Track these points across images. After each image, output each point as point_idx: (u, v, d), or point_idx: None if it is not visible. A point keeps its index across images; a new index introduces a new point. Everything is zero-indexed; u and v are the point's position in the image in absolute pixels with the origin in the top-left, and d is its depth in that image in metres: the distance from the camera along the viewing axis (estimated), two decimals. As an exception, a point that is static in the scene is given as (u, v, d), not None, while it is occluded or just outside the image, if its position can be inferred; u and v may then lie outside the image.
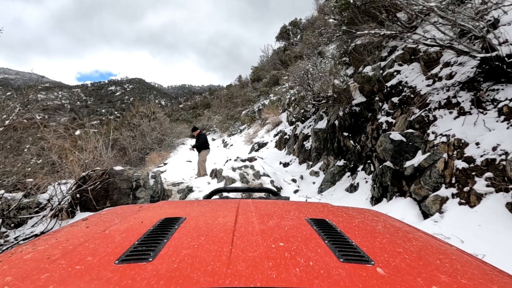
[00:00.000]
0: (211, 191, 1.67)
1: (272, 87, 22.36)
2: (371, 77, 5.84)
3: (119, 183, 5.25)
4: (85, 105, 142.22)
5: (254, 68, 30.02)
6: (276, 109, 17.48)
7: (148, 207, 0.94)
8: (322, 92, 9.53)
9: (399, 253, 0.55)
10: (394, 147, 4.21)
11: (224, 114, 26.93)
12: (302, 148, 9.65)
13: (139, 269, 0.45)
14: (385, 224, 0.80)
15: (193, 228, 0.65)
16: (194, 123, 36.23)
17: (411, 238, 0.68)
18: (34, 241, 0.64)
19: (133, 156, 18.40)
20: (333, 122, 7.01)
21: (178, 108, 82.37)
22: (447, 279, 0.45)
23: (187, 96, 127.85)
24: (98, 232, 0.66)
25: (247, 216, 0.76)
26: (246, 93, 26.98)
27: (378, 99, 5.65)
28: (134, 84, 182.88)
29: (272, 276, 0.42)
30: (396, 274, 0.45)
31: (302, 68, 10.10)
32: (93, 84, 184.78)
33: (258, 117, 19.63)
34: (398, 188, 4.17)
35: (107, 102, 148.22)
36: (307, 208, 0.92)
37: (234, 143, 18.50)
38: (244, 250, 0.52)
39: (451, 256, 0.58)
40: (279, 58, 24.31)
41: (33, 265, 0.49)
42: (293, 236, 0.60)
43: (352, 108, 6.27)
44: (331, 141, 6.97)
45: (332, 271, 0.45)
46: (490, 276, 0.50)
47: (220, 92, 42.41)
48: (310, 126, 10.10)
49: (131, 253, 0.51)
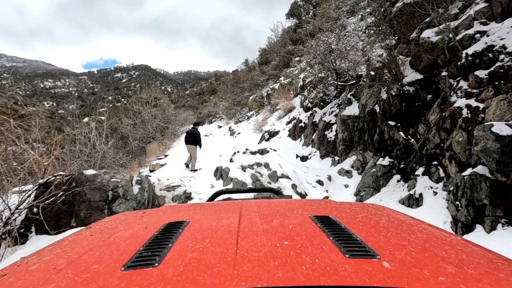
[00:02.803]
0: (213, 194, 1.62)
1: (283, 69, 20.57)
2: (436, 44, 4.17)
3: (89, 193, 3.86)
4: (92, 92, 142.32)
5: (262, 50, 28.09)
6: (288, 93, 15.86)
7: (152, 212, 0.93)
8: (351, 70, 7.84)
9: (404, 246, 0.54)
10: (501, 146, 2.64)
11: (230, 100, 25.48)
12: (323, 139, 8.08)
13: (146, 274, 0.44)
14: (389, 217, 0.79)
15: (197, 231, 0.65)
16: (200, 110, 34.84)
17: (415, 230, 0.66)
18: (39, 252, 0.63)
19: (134, 145, 17.15)
20: (371, 107, 5.40)
21: (184, 95, 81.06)
22: (454, 269, 0.45)
23: (193, 82, 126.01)
24: (103, 239, 0.65)
25: (251, 216, 0.75)
26: (253, 77, 25.37)
27: (448, 74, 4.00)
28: (140, 71, 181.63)
29: (278, 275, 0.42)
30: (402, 267, 0.44)
31: (324, 42, 8.37)
32: (100, 71, 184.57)
33: (267, 103, 18.10)
34: (505, 211, 2.64)
35: (114, 89, 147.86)
36: (310, 205, 0.91)
37: (242, 131, 17.01)
38: (249, 250, 0.51)
39: (456, 246, 0.57)
40: (290, 38, 22.31)
41: (39, 276, 0.49)
42: (297, 234, 0.60)
43: (403, 89, 4.64)
44: (369, 132, 5.39)
45: (338, 267, 0.44)
46: (496, 265, 0.49)
47: (226, 78, 40.65)
48: (333, 113, 8.48)
49: (137, 259, 0.50)
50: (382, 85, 5.32)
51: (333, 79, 8.17)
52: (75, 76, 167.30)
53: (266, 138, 12.77)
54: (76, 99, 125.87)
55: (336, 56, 7.86)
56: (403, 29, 5.56)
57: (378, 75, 5.48)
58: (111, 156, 13.26)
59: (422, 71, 4.66)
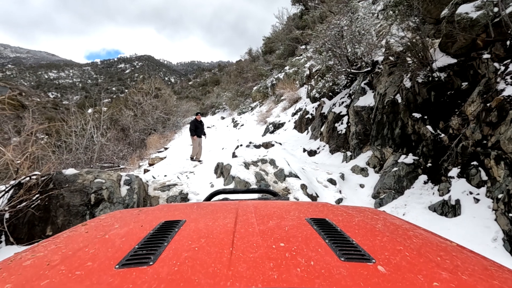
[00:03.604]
0: (210, 193, 1.60)
1: (288, 57, 19.76)
2: (476, 20, 3.48)
3: (68, 196, 3.34)
4: (95, 83, 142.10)
5: (266, 39, 27.16)
6: (293, 83, 15.17)
7: (148, 210, 0.92)
8: (366, 56, 7.13)
9: (400, 250, 0.54)
10: None
11: (233, 91, 24.83)
12: (333, 132, 7.47)
13: (140, 273, 0.44)
14: (385, 222, 0.78)
15: (193, 230, 0.64)
16: (203, 100, 34.25)
17: (411, 235, 0.66)
18: (33, 248, 0.63)
19: (134, 137, 16.70)
20: (392, 97, 4.75)
21: (187, 85, 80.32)
22: (448, 275, 0.44)
23: (196, 73, 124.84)
24: (98, 236, 0.64)
25: (247, 217, 0.74)
26: (257, 67, 24.64)
27: (492, 56, 3.34)
28: (143, 61, 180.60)
29: (273, 276, 0.42)
30: (397, 272, 0.44)
31: (336, 26, 7.62)
32: (103, 62, 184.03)
33: (272, 93, 17.47)
34: None
35: (117, 80, 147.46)
36: (307, 208, 0.91)
37: (245, 123, 16.41)
38: (245, 251, 0.51)
39: (451, 252, 0.57)
40: (296, 25, 21.38)
41: (32, 271, 0.48)
42: (293, 236, 0.59)
43: (433, 75, 3.99)
44: (388, 125, 4.76)
45: (333, 270, 0.44)
46: (491, 272, 0.49)
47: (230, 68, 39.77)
48: (343, 103, 7.83)
49: (132, 257, 0.50)
50: (405, 71, 4.65)
51: (344, 67, 7.46)
52: (79, 67, 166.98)
53: (270, 130, 12.17)
54: (80, 90, 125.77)
55: (348, 40, 7.13)
56: (430, 7, 4.83)
57: (400, 60, 4.81)
58: (111, 148, 12.82)
59: (455, 54, 3.98)
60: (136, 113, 17.08)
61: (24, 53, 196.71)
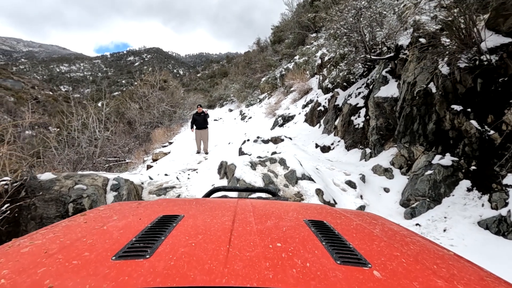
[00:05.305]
0: (209, 190, 1.56)
1: (298, 47, 18.87)
2: (544, -15, 2.72)
3: (42, 206, 2.84)
4: (106, 76, 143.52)
5: (274, 28, 26.17)
6: (303, 73, 14.39)
7: (147, 204, 0.91)
8: (388, 40, 6.34)
9: (396, 256, 0.53)
10: None
11: (241, 82, 24.12)
12: (349, 126, 6.76)
13: (136, 265, 0.44)
14: (383, 227, 0.77)
15: (191, 226, 0.64)
16: (211, 93, 33.66)
17: (408, 242, 0.65)
18: (32, 235, 0.62)
19: (140, 130, 16.34)
20: (424, 86, 4.02)
21: (196, 78, 79.92)
22: (444, 284, 0.44)
23: (204, 65, 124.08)
24: (96, 227, 0.64)
25: (245, 216, 0.74)
26: (265, 57, 23.81)
27: None
28: (152, 54, 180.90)
29: (268, 276, 0.41)
30: (392, 278, 0.44)
31: (354, 7, 6.80)
32: (112, 55, 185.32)
33: (281, 84, 16.72)
34: None
35: (127, 72, 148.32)
36: (306, 209, 0.90)
37: (253, 116, 15.77)
38: (242, 249, 0.51)
39: (448, 261, 0.57)
40: (306, 12, 20.33)
41: (30, 259, 0.48)
42: (290, 237, 0.59)
43: (480, 58, 3.25)
44: (420, 120, 4.05)
45: (329, 273, 0.44)
46: (486, 282, 0.48)
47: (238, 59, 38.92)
48: (360, 94, 7.08)
49: (128, 250, 0.50)
50: (440, 55, 3.90)
51: (363, 53, 6.68)
52: (89, 60, 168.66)
53: (279, 124, 11.50)
54: (91, 83, 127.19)
55: (368, 23, 6.34)
56: (473, -24, 4.02)
57: (433, 42, 4.05)
58: (116, 142, 12.48)
59: (508, 32, 3.22)
60: (141, 106, 16.67)
61: (37, 47, 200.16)
